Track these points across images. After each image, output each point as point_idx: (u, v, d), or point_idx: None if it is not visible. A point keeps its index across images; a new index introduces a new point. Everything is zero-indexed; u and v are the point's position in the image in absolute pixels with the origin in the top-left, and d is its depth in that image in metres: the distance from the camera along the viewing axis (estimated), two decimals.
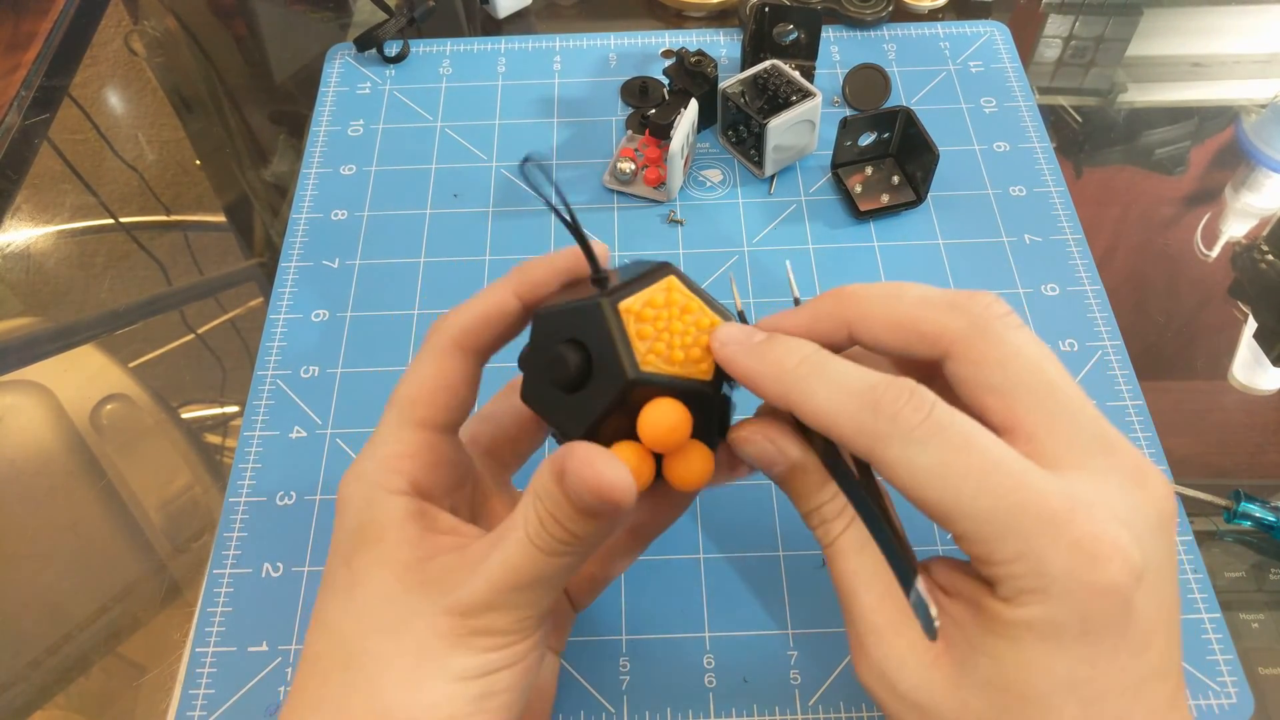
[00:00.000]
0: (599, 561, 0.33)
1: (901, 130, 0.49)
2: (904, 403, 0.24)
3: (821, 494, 0.27)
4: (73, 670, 0.38)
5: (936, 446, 0.23)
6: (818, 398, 0.25)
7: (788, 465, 0.27)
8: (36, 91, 0.58)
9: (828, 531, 0.27)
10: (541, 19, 0.61)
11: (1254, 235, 0.51)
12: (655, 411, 0.26)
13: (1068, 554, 0.22)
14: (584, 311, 0.26)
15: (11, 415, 0.46)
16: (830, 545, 0.27)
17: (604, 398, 0.26)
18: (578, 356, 0.26)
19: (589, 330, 0.26)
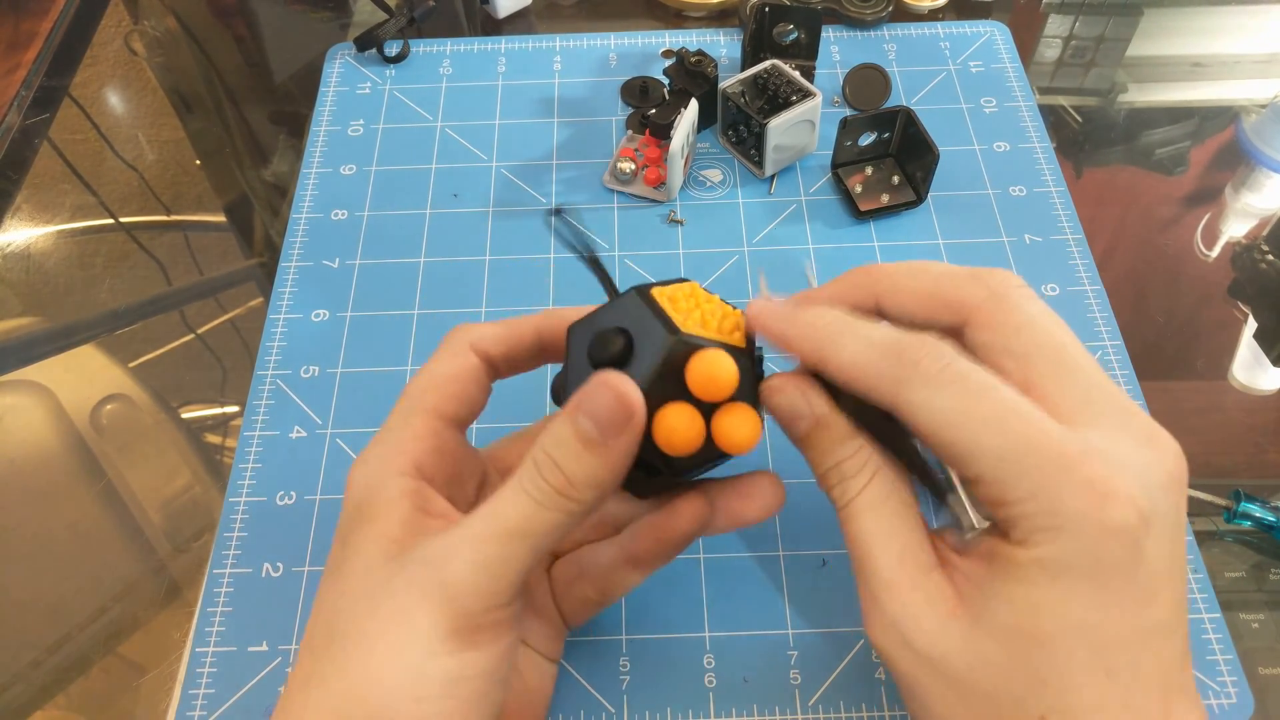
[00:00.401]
0: (595, 584, 0.33)
1: (901, 130, 0.49)
2: (924, 352, 0.25)
3: (843, 449, 0.28)
4: (73, 670, 0.38)
5: (955, 391, 0.25)
6: (846, 350, 0.26)
7: (814, 419, 0.28)
8: (36, 91, 0.58)
9: (845, 490, 0.27)
10: (541, 19, 0.61)
11: (1254, 235, 0.51)
12: (703, 360, 0.26)
13: (1079, 492, 0.23)
14: (618, 302, 0.28)
15: (11, 415, 0.46)
16: (848, 504, 0.27)
17: (651, 361, 0.26)
18: (620, 336, 0.27)
19: (627, 315, 0.28)
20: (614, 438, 0.25)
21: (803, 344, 0.28)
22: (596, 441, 0.25)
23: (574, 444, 0.26)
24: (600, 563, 0.32)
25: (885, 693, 0.36)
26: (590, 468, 0.26)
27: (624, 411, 0.25)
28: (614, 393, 0.25)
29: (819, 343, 0.27)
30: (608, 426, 0.25)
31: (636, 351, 0.27)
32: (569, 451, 0.26)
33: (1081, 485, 0.23)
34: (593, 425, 0.25)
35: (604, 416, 0.25)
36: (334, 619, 0.27)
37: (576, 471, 0.26)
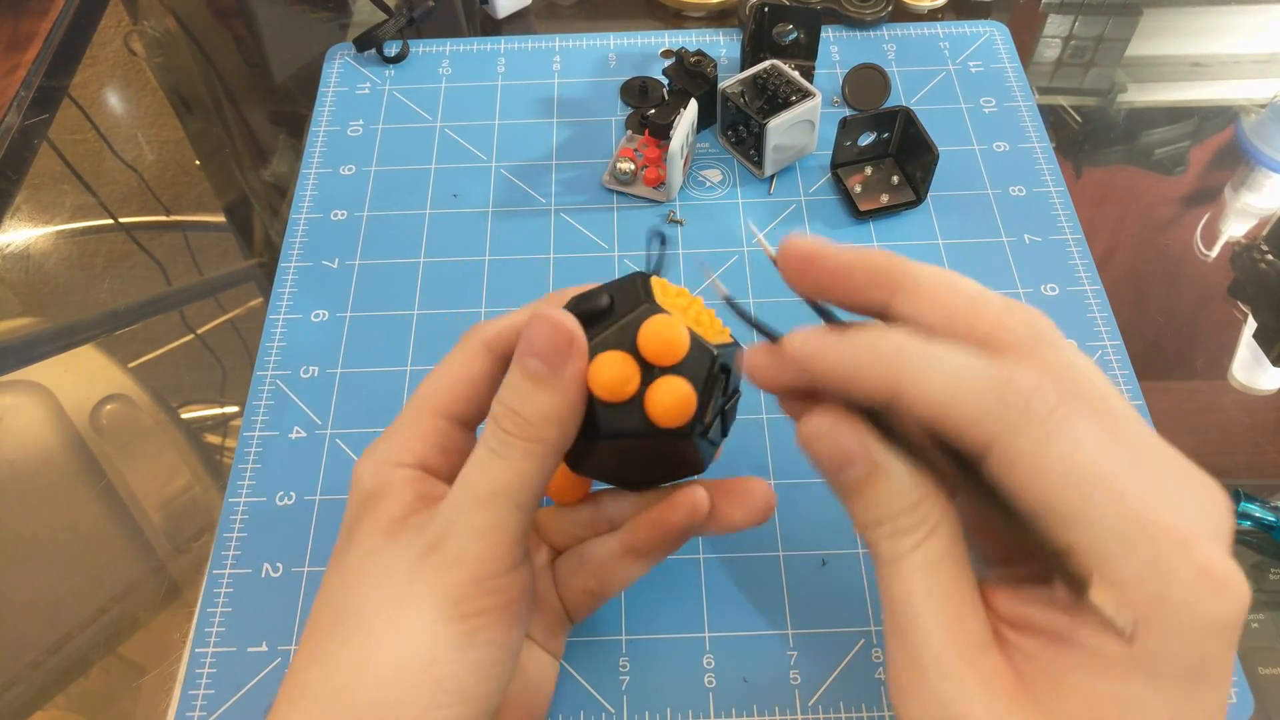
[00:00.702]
0: (596, 576, 0.33)
1: (901, 130, 0.49)
2: (1034, 388, 0.21)
3: (901, 500, 0.23)
4: (73, 670, 0.38)
5: (1069, 443, 0.21)
6: (931, 379, 0.22)
7: (869, 464, 0.23)
8: (36, 91, 0.58)
9: (895, 546, 0.23)
10: (541, 19, 0.61)
11: (1254, 235, 0.51)
12: (655, 320, 0.27)
13: (1195, 581, 0.20)
14: (619, 280, 0.29)
15: (11, 415, 0.46)
16: (897, 560, 0.23)
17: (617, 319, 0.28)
18: (604, 297, 0.28)
19: (620, 287, 0.29)
20: (560, 368, 0.26)
21: (874, 373, 0.23)
22: (545, 376, 0.26)
23: (525, 385, 0.26)
24: (601, 555, 0.33)
25: (885, 693, 0.36)
26: (545, 404, 0.26)
27: (563, 338, 0.26)
28: (550, 323, 0.26)
29: (896, 371, 0.22)
30: (551, 357, 0.26)
31: (614, 314, 0.28)
32: (522, 394, 0.26)
33: (1196, 572, 0.20)
34: (538, 361, 0.26)
35: (546, 348, 0.26)
36: (336, 599, 0.27)
37: (534, 410, 0.26)
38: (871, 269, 0.25)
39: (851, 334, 0.23)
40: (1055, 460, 0.21)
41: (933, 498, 0.23)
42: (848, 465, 0.24)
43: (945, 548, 0.23)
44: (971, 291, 0.24)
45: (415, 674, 0.25)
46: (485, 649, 0.26)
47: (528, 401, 0.26)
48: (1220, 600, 0.20)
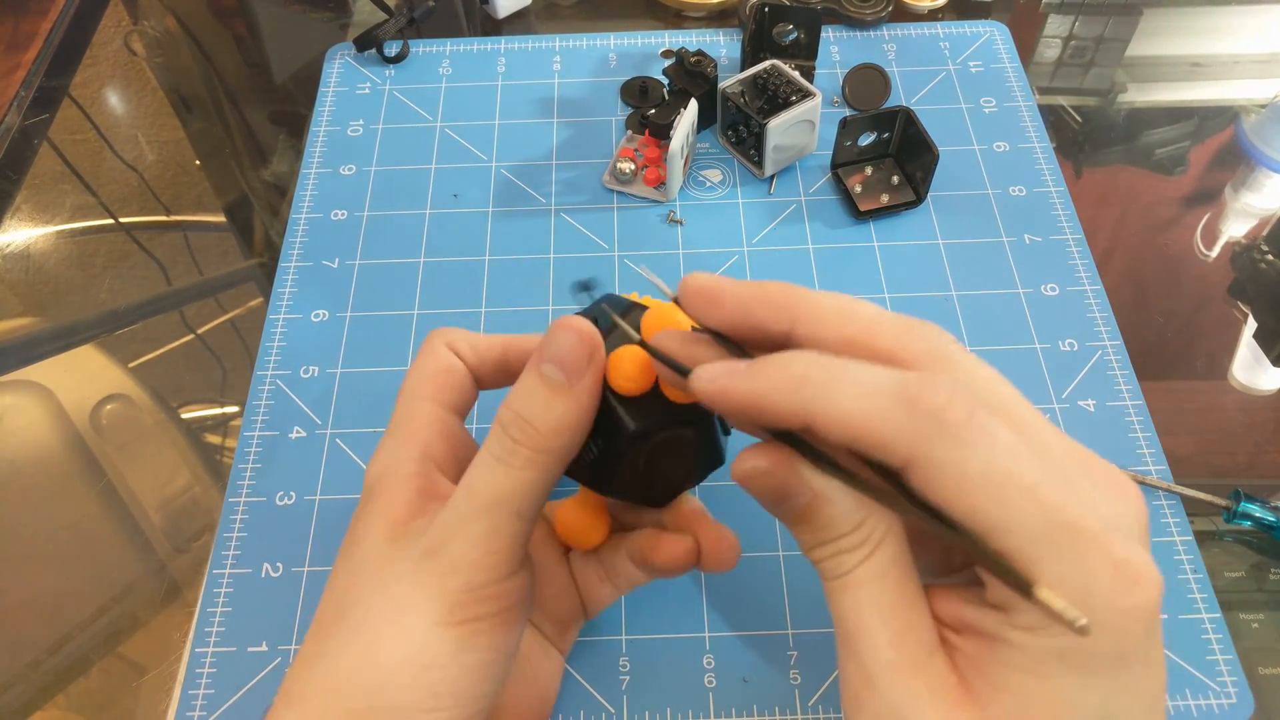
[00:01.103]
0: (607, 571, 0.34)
1: (901, 130, 0.49)
2: (946, 399, 0.21)
3: (844, 523, 0.23)
4: (73, 670, 0.38)
5: (986, 451, 0.21)
6: (842, 401, 0.22)
7: (811, 495, 0.24)
8: (36, 91, 0.58)
9: (841, 563, 0.23)
10: (541, 19, 0.61)
11: (1254, 235, 0.51)
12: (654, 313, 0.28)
13: (1112, 577, 0.20)
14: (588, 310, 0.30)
15: (11, 415, 0.46)
16: (842, 576, 0.23)
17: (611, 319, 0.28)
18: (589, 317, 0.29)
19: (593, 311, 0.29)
20: (579, 378, 0.26)
21: (783, 401, 0.22)
22: (563, 385, 0.26)
23: (541, 392, 0.26)
24: (610, 555, 0.34)
25: None
26: (559, 412, 0.26)
27: (586, 347, 0.26)
28: (574, 331, 0.26)
29: (804, 396, 0.22)
30: (572, 366, 0.26)
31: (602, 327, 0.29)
32: (537, 401, 0.26)
33: (1114, 569, 0.20)
34: (557, 368, 0.26)
35: (567, 356, 0.26)
36: (340, 599, 0.27)
37: (546, 418, 0.26)
38: (770, 302, 0.25)
39: (758, 364, 0.23)
40: (974, 471, 0.21)
41: (876, 515, 0.23)
42: (788, 497, 0.24)
43: (891, 558, 0.23)
44: (868, 314, 0.24)
45: (412, 676, 0.25)
46: (481, 653, 0.26)
47: (542, 409, 0.26)
48: (1134, 593, 0.21)
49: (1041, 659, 0.21)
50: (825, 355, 0.23)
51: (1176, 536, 0.39)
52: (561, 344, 0.26)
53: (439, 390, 0.31)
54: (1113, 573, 0.20)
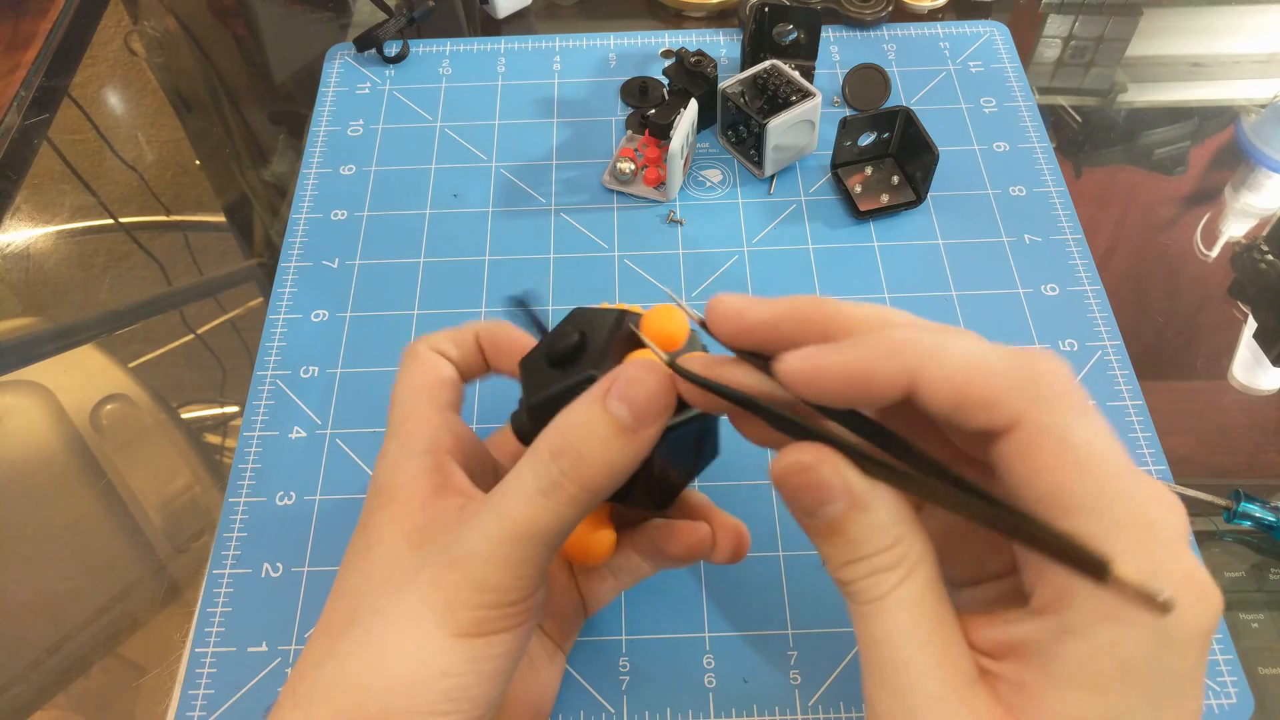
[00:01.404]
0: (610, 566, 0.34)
1: (901, 130, 0.49)
2: (1060, 367, 0.21)
3: (883, 537, 0.22)
4: (73, 670, 0.38)
5: (1091, 424, 0.20)
6: (952, 359, 0.21)
7: (849, 502, 0.22)
8: (36, 91, 0.58)
9: (877, 584, 0.22)
10: (541, 19, 0.61)
11: (1254, 235, 0.51)
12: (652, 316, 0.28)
13: (1184, 586, 0.19)
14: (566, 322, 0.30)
15: (11, 415, 0.46)
16: (876, 601, 0.22)
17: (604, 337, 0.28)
18: (574, 332, 0.29)
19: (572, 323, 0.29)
20: (647, 426, 0.25)
21: (887, 364, 0.22)
22: (630, 428, 0.25)
23: (602, 429, 0.25)
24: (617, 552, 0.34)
25: None
26: (616, 455, 0.25)
27: (665, 397, 0.25)
28: (656, 378, 0.25)
29: (908, 357, 0.21)
30: (645, 413, 0.25)
31: (589, 341, 0.28)
32: (595, 436, 0.25)
33: (1183, 578, 0.19)
34: (628, 411, 0.25)
35: (643, 402, 0.25)
36: (355, 603, 0.27)
37: (601, 458, 0.25)
38: (801, 317, 0.24)
39: (855, 339, 0.23)
40: (1079, 441, 0.20)
41: (913, 533, 0.22)
42: (826, 501, 0.23)
43: (928, 582, 0.22)
44: (905, 321, 0.24)
45: (426, 683, 0.25)
46: (496, 660, 0.26)
47: (599, 447, 0.25)
48: (1201, 606, 0.20)
49: (1102, 677, 0.20)
50: (924, 323, 0.23)
51: None
52: (640, 390, 0.25)
53: (433, 392, 0.31)
54: (1184, 581, 0.20)
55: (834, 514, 0.22)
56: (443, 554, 0.26)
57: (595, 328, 0.29)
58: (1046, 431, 0.20)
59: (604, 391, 0.25)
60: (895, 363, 0.22)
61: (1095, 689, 0.20)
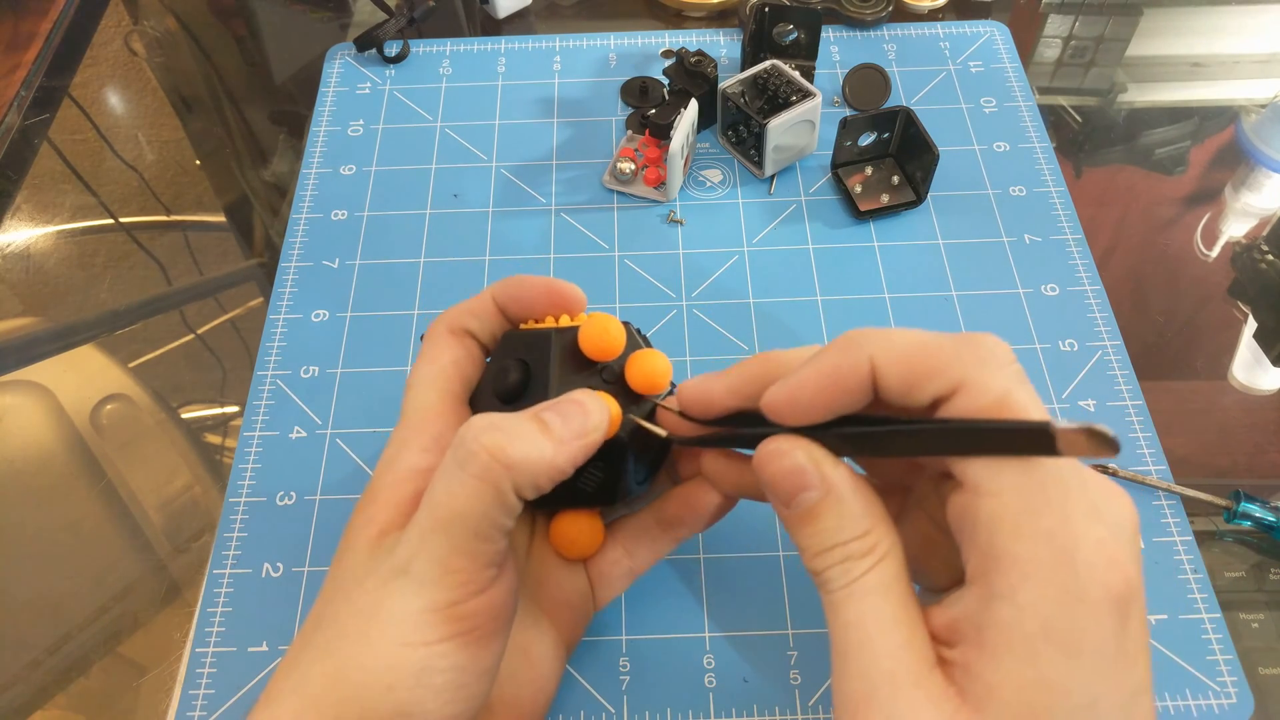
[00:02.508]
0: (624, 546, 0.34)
1: (901, 130, 0.49)
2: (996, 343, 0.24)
3: (855, 526, 0.24)
4: (73, 670, 0.38)
5: (1030, 391, 0.23)
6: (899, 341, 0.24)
7: (825, 489, 0.25)
8: (36, 91, 0.58)
9: (847, 571, 0.24)
10: (541, 19, 0.61)
11: (1254, 235, 0.51)
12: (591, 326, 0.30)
13: (1094, 548, 0.22)
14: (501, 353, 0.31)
15: (11, 415, 0.46)
16: (846, 587, 0.24)
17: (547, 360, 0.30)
18: (518, 369, 0.30)
19: (514, 350, 0.31)
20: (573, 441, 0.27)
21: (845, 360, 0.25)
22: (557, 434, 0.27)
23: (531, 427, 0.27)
24: (631, 527, 0.34)
25: None
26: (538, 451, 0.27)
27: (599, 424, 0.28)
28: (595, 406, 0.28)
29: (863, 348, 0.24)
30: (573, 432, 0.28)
31: (532, 371, 0.31)
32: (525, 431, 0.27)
33: (1096, 543, 0.21)
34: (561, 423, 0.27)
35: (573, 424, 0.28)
36: (322, 607, 0.28)
37: (523, 450, 0.26)
38: (753, 375, 0.28)
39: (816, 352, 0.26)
40: (1021, 402, 0.23)
41: (882, 525, 0.25)
42: (803, 488, 0.25)
43: (896, 573, 0.24)
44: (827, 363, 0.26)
45: (378, 695, 0.25)
46: (449, 673, 0.26)
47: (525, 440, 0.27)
48: (1112, 571, 0.22)
49: (1027, 640, 0.22)
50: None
51: (1176, 536, 0.39)
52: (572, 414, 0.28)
53: (445, 381, 0.31)
54: (1095, 545, 0.22)
55: (810, 501, 0.25)
56: (389, 557, 0.27)
57: (534, 353, 0.30)
58: (988, 390, 0.23)
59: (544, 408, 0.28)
60: (856, 353, 0.25)
61: (1025, 656, 0.22)
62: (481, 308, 0.33)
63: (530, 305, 0.32)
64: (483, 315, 0.33)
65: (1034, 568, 0.22)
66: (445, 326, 0.32)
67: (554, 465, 0.27)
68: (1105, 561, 0.22)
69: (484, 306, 0.33)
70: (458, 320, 0.32)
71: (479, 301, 0.33)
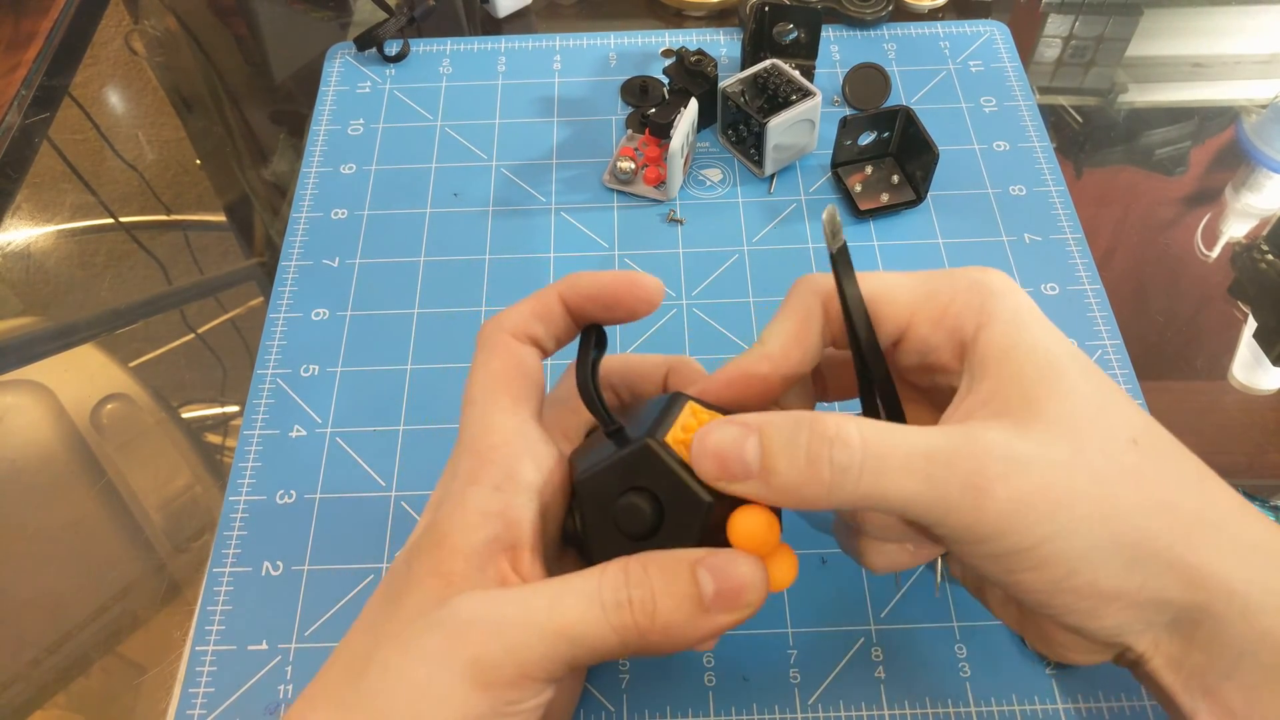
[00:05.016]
0: None
1: (901, 130, 0.49)
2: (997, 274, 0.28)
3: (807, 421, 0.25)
4: (73, 670, 0.38)
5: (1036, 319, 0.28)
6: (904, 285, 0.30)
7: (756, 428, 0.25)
8: (37, 91, 0.58)
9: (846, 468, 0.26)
10: (541, 18, 0.61)
11: (1254, 235, 0.51)
12: (746, 521, 0.26)
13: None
14: (636, 457, 0.26)
15: (11, 415, 0.46)
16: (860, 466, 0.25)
17: (689, 529, 0.26)
18: (649, 505, 0.26)
19: (647, 473, 0.26)
20: (721, 614, 0.25)
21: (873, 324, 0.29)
22: (707, 610, 0.25)
23: (689, 609, 0.25)
24: None
25: (885, 692, 0.36)
26: (688, 629, 0.25)
27: (746, 604, 0.25)
28: (755, 583, 0.25)
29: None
30: (727, 602, 0.25)
31: (668, 516, 0.26)
32: (683, 610, 0.25)
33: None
34: (719, 599, 0.25)
35: (728, 592, 0.25)
36: (375, 648, 0.25)
37: (670, 620, 0.25)
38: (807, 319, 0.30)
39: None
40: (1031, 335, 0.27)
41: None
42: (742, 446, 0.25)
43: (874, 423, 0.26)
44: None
45: None
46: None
47: (676, 612, 0.25)
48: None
49: (959, 401, 0.27)
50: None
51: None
52: (732, 580, 0.25)
53: (515, 397, 0.28)
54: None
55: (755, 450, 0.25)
56: (458, 618, 0.25)
57: (673, 496, 0.26)
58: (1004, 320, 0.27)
59: (704, 562, 0.25)
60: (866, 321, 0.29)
61: (956, 410, 0.27)
62: (546, 309, 0.29)
63: (610, 305, 0.29)
64: (548, 318, 0.29)
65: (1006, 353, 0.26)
66: (507, 330, 0.29)
67: (692, 643, 0.25)
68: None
69: (548, 308, 0.29)
70: (521, 324, 0.29)
71: (542, 302, 0.30)
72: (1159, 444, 0.26)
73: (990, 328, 0.27)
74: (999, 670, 0.36)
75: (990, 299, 0.27)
